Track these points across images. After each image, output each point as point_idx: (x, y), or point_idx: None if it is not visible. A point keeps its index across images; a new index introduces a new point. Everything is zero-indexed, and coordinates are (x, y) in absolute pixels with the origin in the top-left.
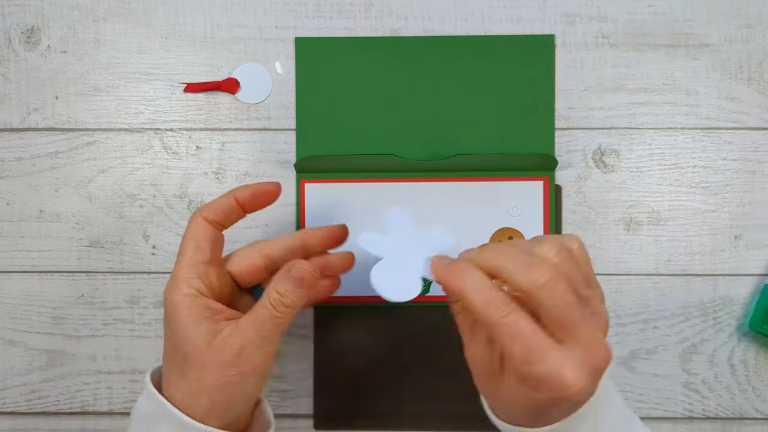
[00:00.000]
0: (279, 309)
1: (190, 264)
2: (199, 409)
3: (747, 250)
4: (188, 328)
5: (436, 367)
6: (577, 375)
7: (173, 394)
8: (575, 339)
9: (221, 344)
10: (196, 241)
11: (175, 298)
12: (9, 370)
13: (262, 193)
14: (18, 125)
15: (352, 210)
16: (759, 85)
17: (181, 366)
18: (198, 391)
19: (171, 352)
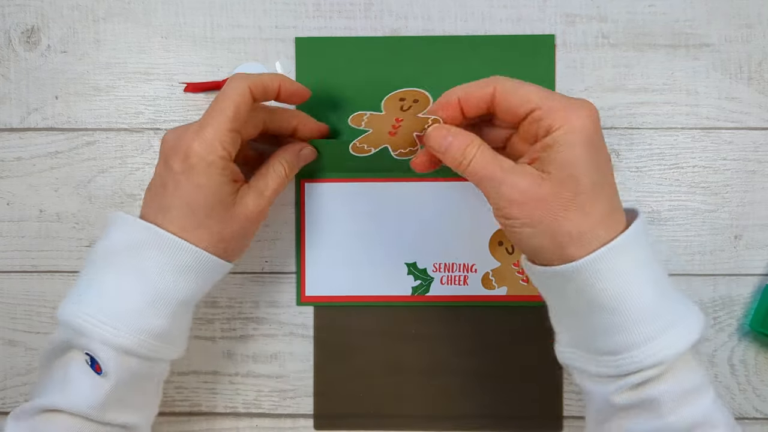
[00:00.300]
0: (289, 177)
1: (227, 128)
2: (208, 249)
3: (747, 250)
4: (221, 188)
5: (436, 367)
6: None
7: (174, 232)
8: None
9: (245, 205)
10: (237, 108)
11: (210, 157)
12: (9, 370)
13: (300, 95)
14: (18, 125)
15: (351, 209)
16: (759, 85)
17: (201, 217)
18: (218, 240)
19: (183, 201)
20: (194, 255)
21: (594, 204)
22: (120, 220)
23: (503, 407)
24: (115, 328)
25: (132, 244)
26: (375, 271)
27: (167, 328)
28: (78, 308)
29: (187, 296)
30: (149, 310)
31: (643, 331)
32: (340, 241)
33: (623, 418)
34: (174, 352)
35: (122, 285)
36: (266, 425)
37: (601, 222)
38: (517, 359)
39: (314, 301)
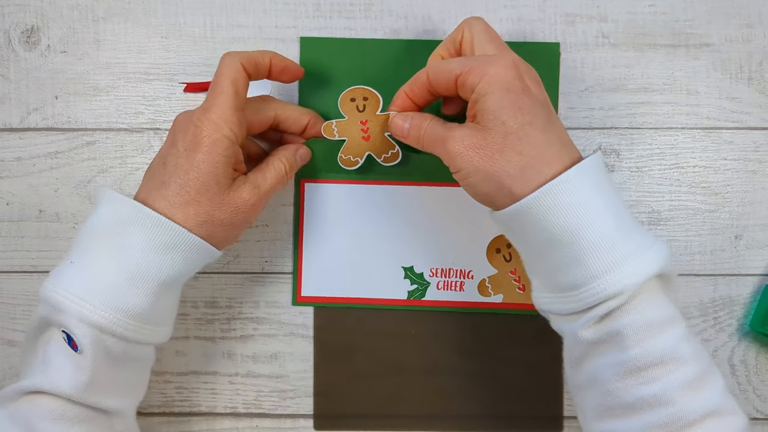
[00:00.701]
0: (289, 176)
1: (232, 107)
2: (194, 230)
3: (747, 250)
4: (219, 168)
5: (435, 367)
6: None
7: (163, 209)
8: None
9: (240, 194)
10: (236, 85)
11: (216, 136)
12: (8, 370)
13: (291, 71)
14: (18, 125)
15: (351, 210)
16: (759, 85)
17: (192, 193)
18: (204, 221)
19: (180, 177)
20: (178, 234)
21: (526, 142)
22: (106, 197)
23: (503, 407)
24: (92, 305)
25: (116, 220)
26: (372, 274)
27: (147, 309)
28: (58, 284)
29: (169, 277)
30: (128, 288)
31: (601, 262)
32: (338, 242)
33: (593, 355)
34: (155, 335)
35: (102, 262)
36: (266, 425)
37: (540, 158)
38: (516, 359)
39: (310, 302)
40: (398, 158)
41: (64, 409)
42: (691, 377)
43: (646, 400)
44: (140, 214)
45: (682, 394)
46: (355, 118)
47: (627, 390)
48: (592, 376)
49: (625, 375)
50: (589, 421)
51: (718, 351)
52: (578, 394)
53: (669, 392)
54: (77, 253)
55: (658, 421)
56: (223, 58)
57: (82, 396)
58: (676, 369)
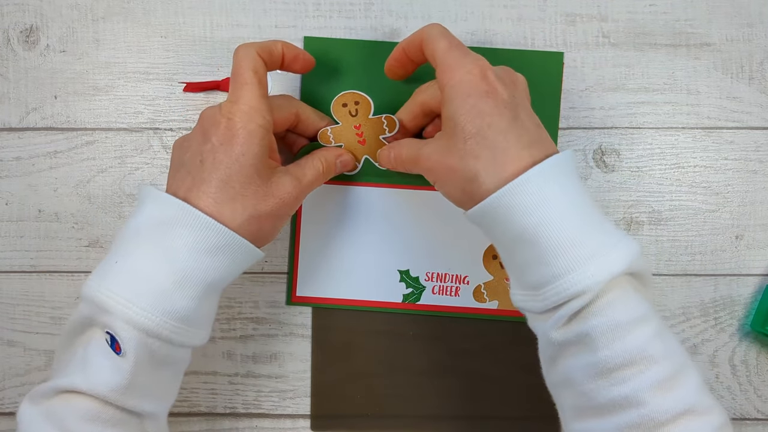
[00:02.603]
0: (325, 176)
1: (259, 95)
2: (242, 229)
3: (748, 250)
4: (259, 159)
5: (434, 367)
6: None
7: (207, 207)
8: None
9: (282, 186)
10: (258, 74)
11: (251, 126)
12: (8, 370)
13: (302, 60)
14: (17, 125)
15: (348, 213)
16: (760, 85)
17: (237, 188)
18: (251, 215)
19: (222, 173)
20: (226, 236)
21: (483, 146)
22: (152, 196)
23: (502, 407)
24: (140, 307)
25: (163, 220)
26: (367, 276)
27: (192, 311)
28: (103, 284)
29: (215, 279)
30: (175, 290)
31: (563, 261)
32: (334, 243)
33: (565, 355)
34: (196, 337)
35: (150, 263)
36: (266, 425)
37: (497, 161)
38: (515, 360)
39: (304, 302)
40: None
41: (99, 411)
42: (663, 377)
43: (617, 401)
44: (187, 215)
45: (654, 394)
46: (349, 123)
47: (599, 391)
48: (566, 376)
49: (597, 376)
50: (567, 420)
51: (718, 351)
52: (555, 393)
53: (640, 393)
54: (122, 253)
55: (630, 422)
56: (239, 50)
57: (120, 398)
58: (646, 369)
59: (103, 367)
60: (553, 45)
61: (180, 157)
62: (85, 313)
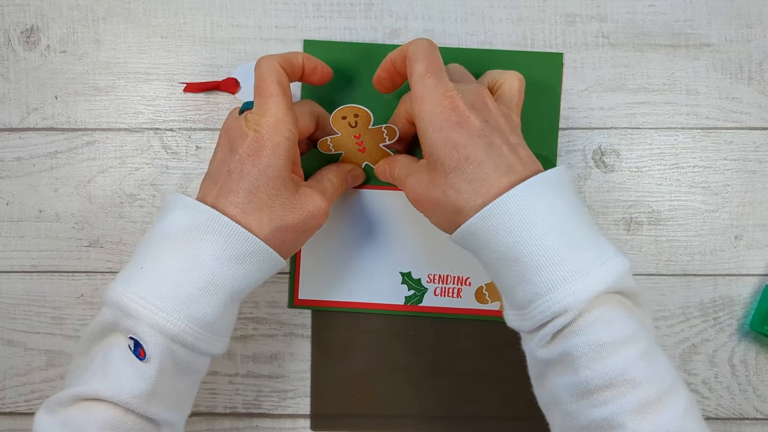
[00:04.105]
0: (338, 191)
1: (285, 107)
2: (269, 238)
3: (747, 250)
4: (285, 171)
5: (433, 367)
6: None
7: (236, 216)
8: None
9: (309, 198)
10: (282, 86)
11: (278, 138)
12: (8, 370)
13: (321, 71)
14: (17, 125)
15: (350, 215)
16: (759, 85)
17: (264, 198)
18: (278, 226)
19: (250, 183)
20: (253, 244)
21: (462, 179)
22: (180, 202)
23: (502, 407)
24: (166, 312)
25: (191, 226)
26: (369, 278)
27: (217, 318)
28: (128, 288)
29: (240, 287)
30: (201, 296)
31: (545, 280)
32: (336, 246)
33: (551, 374)
34: (217, 345)
35: (177, 268)
36: (266, 425)
37: (480, 193)
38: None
39: (306, 305)
40: None
41: (121, 419)
42: (644, 400)
43: (598, 423)
44: (216, 222)
45: (633, 417)
46: (349, 133)
47: (581, 412)
48: (553, 395)
49: (579, 397)
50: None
51: (717, 351)
52: (545, 412)
53: (619, 416)
54: (148, 259)
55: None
56: (261, 62)
57: (143, 405)
58: (627, 392)
59: (126, 372)
60: (552, 45)
61: (211, 165)
62: (109, 319)
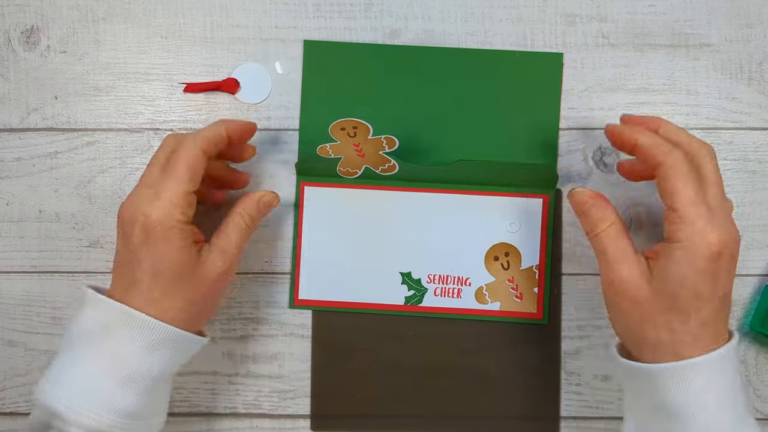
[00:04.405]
0: (251, 228)
1: (183, 192)
2: (180, 321)
3: (747, 250)
4: (181, 252)
5: (433, 367)
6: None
7: (142, 307)
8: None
9: (211, 265)
10: (192, 172)
11: (169, 223)
12: (9, 370)
13: (247, 130)
14: (17, 125)
15: (350, 215)
16: (759, 85)
17: (166, 285)
18: (183, 307)
19: (148, 272)
20: (164, 332)
21: (681, 324)
22: (90, 300)
23: (500, 408)
24: (90, 410)
25: (103, 323)
26: (369, 278)
27: (140, 406)
28: (53, 389)
29: (159, 372)
30: (120, 390)
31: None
32: (336, 246)
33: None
34: (150, 427)
35: (96, 365)
36: (266, 426)
37: (684, 344)
38: (514, 360)
39: (307, 305)
40: (396, 169)
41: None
42: None
43: None
44: (125, 316)
45: None
46: (348, 142)
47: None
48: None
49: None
50: None
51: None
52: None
53: None
54: (69, 356)
55: None
56: (180, 143)
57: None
58: None
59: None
60: (552, 45)
61: (115, 260)
62: (41, 418)
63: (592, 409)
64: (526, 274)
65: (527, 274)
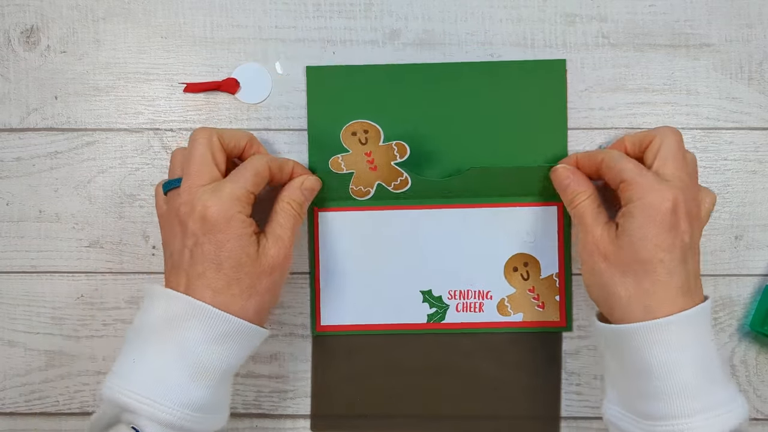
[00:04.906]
0: (300, 215)
1: (245, 191)
2: (245, 312)
3: (747, 250)
4: (242, 240)
5: (434, 367)
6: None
7: (207, 299)
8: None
9: (270, 253)
10: (257, 177)
11: (230, 213)
12: (8, 370)
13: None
14: (17, 125)
15: (365, 237)
16: (759, 85)
17: (230, 274)
18: (251, 295)
19: (210, 263)
20: (231, 324)
21: (646, 277)
22: (155, 293)
23: (501, 408)
24: (160, 404)
25: (170, 316)
26: (390, 299)
27: (209, 399)
28: (123, 384)
29: (227, 366)
30: (191, 382)
31: (684, 405)
32: (355, 270)
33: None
34: (215, 422)
35: (165, 359)
36: (266, 426)
37: (653, 296)
38: (516, 359)
39: (330, 331)
40: (408, 185)
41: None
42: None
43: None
44: (194, 308)
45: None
46: (360, 151)
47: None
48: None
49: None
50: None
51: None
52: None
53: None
54: (136, 351)
55: None
56: (254, 158)
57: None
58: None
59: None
60: (552, 45)
61: (169, 253)
62: (109, 413)
63: (592, 409)
64: (547, 282)
65: (548, 283)
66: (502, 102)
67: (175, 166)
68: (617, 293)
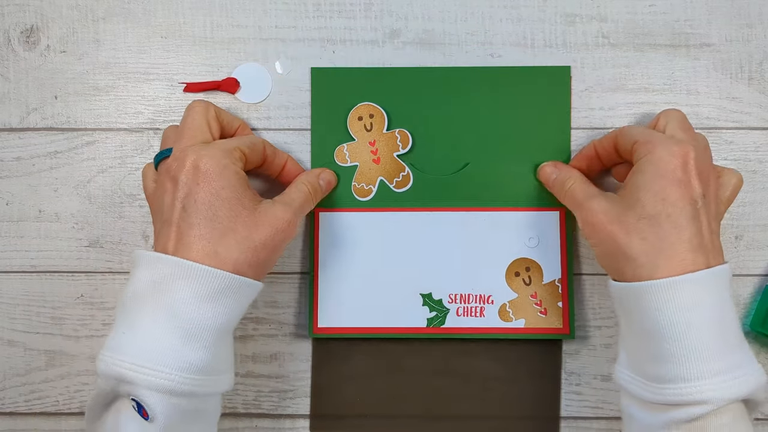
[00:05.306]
0: (313, 198)
1: (238, 149)
2: (238, 266)
3: (747, 250)
4: (238, 189)
5: (434, 367)
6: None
7: (198, 257)
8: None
9: (274, 212)
10: (251, 144)
11: (224, 161)
12: (8, 370)
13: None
14: (17, 125)
15: (366, 239)
16: (759, 85)
17: (226, 223)
18: (247, 247)
19: (203, 214)
20: (224, 279)
21: (653, 232)
22: (141, 260)
23: (501, 408)
24: (156, 370)
25: (157, 280)
26: (389, 302)
27: (208, 361)
28: (116, 356)
29: (222, 324)
30: (186, 345)
31: (696, 367)
32: (354, 272)
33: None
34: (220, 383)
35: (155, 324)
36: (266, 425)
37: (660, 253)
38: (517, 360)
39: (327, 332)
40: (410, 182)
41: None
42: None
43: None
44: (181, 268)
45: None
46: (364, 140)
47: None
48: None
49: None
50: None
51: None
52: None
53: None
54: (126, 322)
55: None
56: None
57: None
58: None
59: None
60: (552, 45)
61: (159, 215)
62: (106, 388)
63: (592, 409)
64: (549, 288)
65: (550, 289)
66: (506, 107)
67: (167, 141)
68: (626, 254)
